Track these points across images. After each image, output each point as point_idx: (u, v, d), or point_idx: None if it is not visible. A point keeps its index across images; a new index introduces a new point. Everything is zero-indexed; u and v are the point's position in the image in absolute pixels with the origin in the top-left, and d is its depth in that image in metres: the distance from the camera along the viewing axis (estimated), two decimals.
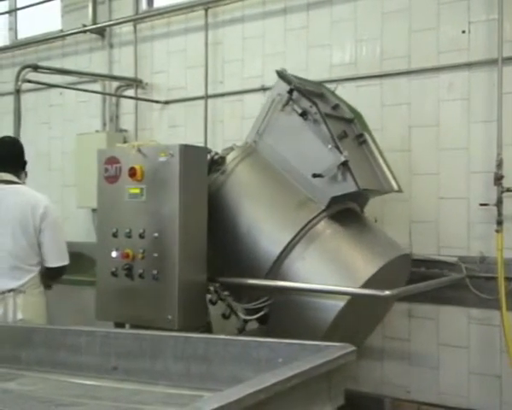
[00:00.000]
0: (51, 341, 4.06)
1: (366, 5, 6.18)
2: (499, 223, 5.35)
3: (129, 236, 4.93)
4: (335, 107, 5.27)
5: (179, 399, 3.42)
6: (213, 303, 5.17)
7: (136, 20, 7.83)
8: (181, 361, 3.64)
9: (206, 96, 7.11)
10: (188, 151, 4.86)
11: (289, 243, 4.81)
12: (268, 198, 5.13)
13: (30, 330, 4.28)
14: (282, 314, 4.86)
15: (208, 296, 5.08)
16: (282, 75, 5.28)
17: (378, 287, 4.61)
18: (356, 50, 6.24)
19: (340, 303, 4.61)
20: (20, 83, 6.56)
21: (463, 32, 5.68)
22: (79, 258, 7.40)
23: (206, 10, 7.12)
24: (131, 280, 4.93)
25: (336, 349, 3.14)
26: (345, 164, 4.76)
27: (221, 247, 5.08)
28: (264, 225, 4.98)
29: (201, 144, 6.73)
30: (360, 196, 5.18)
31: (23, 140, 6.84)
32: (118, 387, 3.67)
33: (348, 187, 4.79)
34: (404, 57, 5.97)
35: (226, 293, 5.06)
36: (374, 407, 6.00)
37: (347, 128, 5.14)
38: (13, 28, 9.40)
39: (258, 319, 5.02)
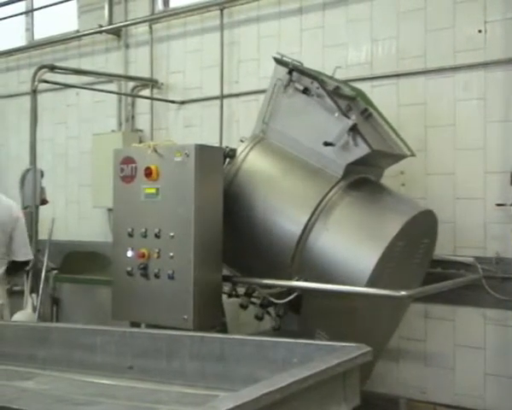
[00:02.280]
0: (68, 340, 4.08)
1: (382, 4, 6.16)
2: None
3: (144, 235, 4.95)
4: (336, 88, 5.27)
5: (194, 398, 3.43)
6: (245, 307, 5.20)
7: (152, 20, 7.85)
8: (196, 361, 3.64)
9: (222, 96, 7.12)
10: (203, 151, 4.87)
11: (309, 218, 4.81)
12: (282, 179, 5.14)
13: (47, 330, 4.31)
14: (315, 292, 4.80)
15: (238, 300, 5.11)
16: (279, 60, 5.34)
17: (407, 244, 4.65)
18: (372, 50, 6.22)
19: (372, 263, 4.55)
20: (36, 83, 6.59)
21: (480, 31, 5.65)
22: (95, 257, 7.46)
23: (222, 10, 7.13)
24: (147, 280, 4.94)
25: (352, 349, 3.14)
26: (354, 128, 4.78)
27: (239, 236, 5.10)
28: (282, 206, 4.99)
29: (217, 144, 6.74)
30: (374, 167, 5.21)
31: (40, 140, 6.91)
32: (133, 386, 3.68)
33: (361, 151, 4.80)
34: (420, 57, 5.94)
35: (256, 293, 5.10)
36: (389, 407, 5.97)
37: (351, 104, 5.14)
38: (29, 29, 9.45)
39: (291, 306, 4.98)
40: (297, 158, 5.11)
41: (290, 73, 5.17)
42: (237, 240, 5.11)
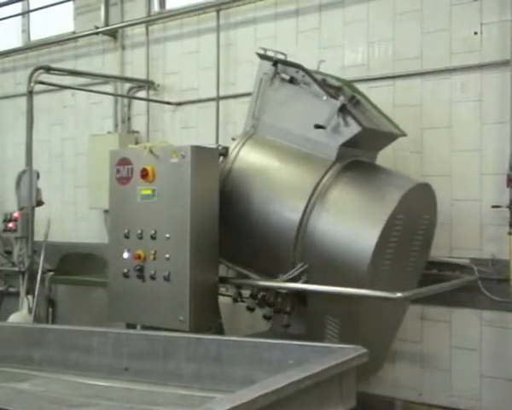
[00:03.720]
0: (63, 342, 4.09)
1: (378, 6, 6.17)
2: (511, 225, 5.34)
3: (140, 237, 4.95)
4: (323, 79, 5.31)
5: (191, 400, 3.43)
6: (252, 310, 5.23)
7: (149, 21, 7.85)
8: (192, 362, 3.65)
9: (218, 98, 7.12)
10: (199, 152, 4.87)
11: (307, 203, 4.85)
12: (276, 169, 5.16)
13: (42, 331, 4.30)
14: (322, 274, 4.81)
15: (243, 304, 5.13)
16: (263, 55, 5.43)
17: (407, 220, 4.70)
18: (368, 51, 6.23)
19: (374, 237, 4.55)
20: (32, 84, 6.58)
21: (475, 33, 5.66)
22: (91, 259, 7.44)
23: (218, 12, 7.13)
24: (143, 281, 4.94)
25: (348, 351, 3.14)
26: (343, 108, 4.83)
27: (238, 231, 5.12)
28: (279, 196, 5.02)
29: (213, 146, 6.73)
30: (367, 149, 5.26)
31: (36, 141, 6.89)
32: (129, 388, 3.69)
33: (352, 130, 4.87)
34: (416, 58, 5.95)
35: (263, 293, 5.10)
36: (385, 409, 5.98)
37: (339, 92, 5.18)
38: (26, 30, 9.45)
39: (297, 294, 5.01)
40: (289, 147, 5.16)
41: (275, 65, 5.26)
42: (236, 235, 5.13)
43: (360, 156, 5.19)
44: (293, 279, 4.88)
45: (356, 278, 4.59)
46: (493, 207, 5.48)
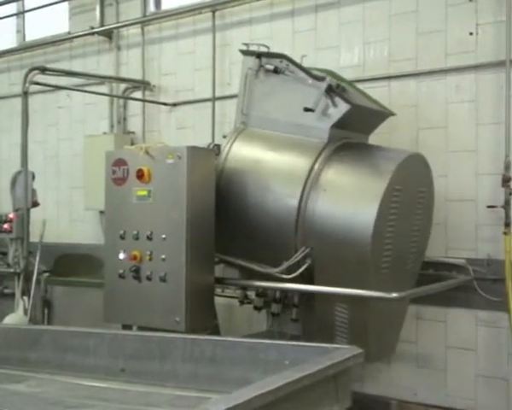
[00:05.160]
0: (59, 343, 4.08)
1: (374, 7, 6.17)
2: (507, 225, 5.34)
3: (136, 237, 4.95)
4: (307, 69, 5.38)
5: (187, 401, 3.43)
6: (259, 309, 5.28)
7: (144, 22, 7.84)
8: (189, 363, 3.65)
9: (214, 98, 7.11)
10: (195, 153, 4.88)
11: (304, 187, 4.89)
12: (269, 159, 5.20)
13: (38, 332, 4.30)
14: (325, 254, 4.83)
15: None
16: (246, 51, 5.53)
17: (405, 192, 4.77)
18: (364, 52, 6.23)
19: (374, 209, 4.56)
20: (27, 85, 6.57)
21: (471, 34, 5.67)
22: (87, 260, 7.44)
23: (214, 12, 7.12)
24: (139, 282, 4.93)
25: (343, 351, 3.15)
26: (330, 89, 4.91)
27: (236, 226, 5.15)
28: (274, 184, 5.07)
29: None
30: (358, 132, 5.31)
31: (31, 141, 6.88)
32: (125, 389, 3.68)
33: (341, 109, 4.95)
34: (411, 59, 5.96)
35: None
36: (381, 409, 5.98)
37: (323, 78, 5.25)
38: (21, 30, 9.43)
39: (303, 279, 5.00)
40: (281, 136, 5.22)
41: (259, 57, 5.35)
42: (235, 230, 5.16)
43: (352, 139, 5.24)
44: (297, 264, 4.87)
45: (360, 251, 4.61)
46: (488, 207, 5.49)
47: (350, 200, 4.78)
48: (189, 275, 4.76)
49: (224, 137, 5.52)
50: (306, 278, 4.94)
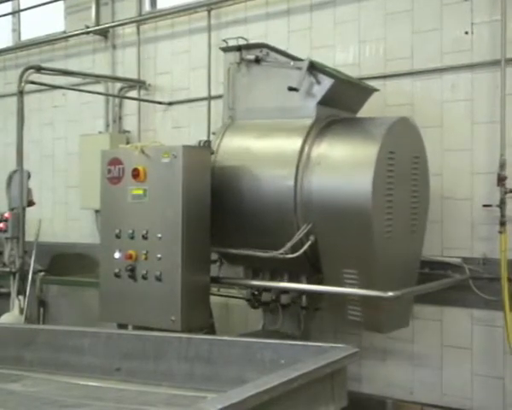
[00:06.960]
0: (55, 342, 4.07)
1: (369, 6, 6.17)
2: (502, 224, 5.34)
3: (132, 237, 4.94)
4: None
5: (183, 400, 3.43)
6: (267, 304, 5.32)
7: (140, 21, 7.83)
8: (184, 362, 3.65)
9: (210, 97, 7.11)
10: (191, 152, 4.88)
11: (297, 166, 4.92)
12: (259, 146, 5.26)
13: (33, 332, 4.29)
14: (327, 226, 4.84)
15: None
16: (225, 48, 5.68)
17: (399, 157, 4.83)
18: (359, 51, 6.23)
19: (370, 172, 4.60)
20: (23, 84, 6.55)
21: (466, 33, 5.67)
22: (83, 259, 7.43)
23: (209, 11, 7.12)
24: (135, 281, 4.93)
25: (339, 351, 3.15)
26: (312, 66, 5.01)
27: (234, 218, 5.17)
28: (268, 168, 5.12)
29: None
30: (345, 110, 5.38)
31: (27, 141, 6.87)
32: (121, 388, 3.68)
33: (325, 85, 5.05)
34: (407, 58, 5.96)
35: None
36: (377, 408, 5.98)
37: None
38: (16, 29, 9.40)
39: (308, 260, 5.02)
40: (268, 122, 5.30)
41: (239, 50, 5.45)
42: (234, 221, 5.18)
43: (339, 116, 5.30)
44: (300, 243, 4.88)
45: (361, 217, 4.62)
46: (484, 206, 5.50)
47: (345, 169, 4.80)
48: (185, 274, 4.76)
49: (214, 133, 5.60)
50: (310, 257, 4.96)
